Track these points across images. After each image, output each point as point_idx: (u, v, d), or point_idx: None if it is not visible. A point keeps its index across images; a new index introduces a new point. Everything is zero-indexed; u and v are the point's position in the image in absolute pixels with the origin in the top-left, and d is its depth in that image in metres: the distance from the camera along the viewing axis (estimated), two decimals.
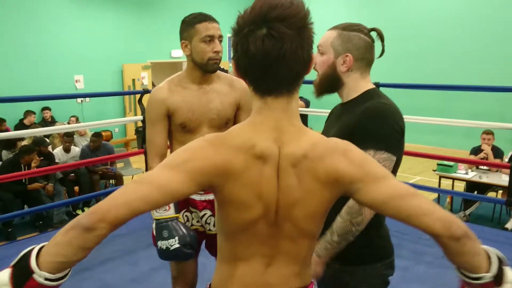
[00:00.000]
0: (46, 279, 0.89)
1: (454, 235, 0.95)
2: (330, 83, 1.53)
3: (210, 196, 2.01)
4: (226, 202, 1.02)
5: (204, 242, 2.15)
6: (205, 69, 1.97)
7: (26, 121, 7.69)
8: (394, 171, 1.45)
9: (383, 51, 1.51)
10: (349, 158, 1.01)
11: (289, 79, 0.98)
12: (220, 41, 1.95)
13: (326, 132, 1.59)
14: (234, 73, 1.06)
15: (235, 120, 2.08)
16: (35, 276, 0.89)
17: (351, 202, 1.38)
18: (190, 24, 1.93)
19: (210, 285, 1.16)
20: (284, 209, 1.02)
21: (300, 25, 0.94)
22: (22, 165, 5.12)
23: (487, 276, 0.96)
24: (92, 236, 0.90)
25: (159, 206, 0.98)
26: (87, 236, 0.89)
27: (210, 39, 1.91)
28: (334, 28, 1.51)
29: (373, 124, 1.40)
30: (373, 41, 1.51)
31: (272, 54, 0.93)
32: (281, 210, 1.02)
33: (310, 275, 1.16)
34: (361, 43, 1.48)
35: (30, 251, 0.93)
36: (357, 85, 1.51)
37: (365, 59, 1.50)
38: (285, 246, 1.06)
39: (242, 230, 1.04)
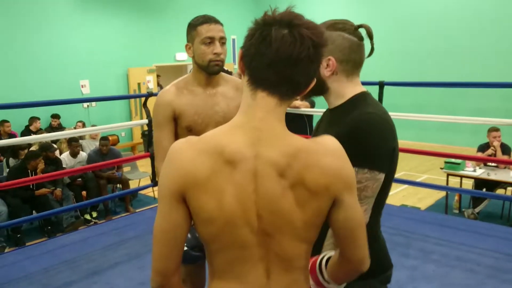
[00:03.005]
0: None
1: (360, 270, 1.10)
2: (317, 88, 1.38)
3: None
4: (195, 215, 0.99)
5: None
6: (206, 71, 1.97)
7: (32, 128, 7.74)
8: (385, 189, 1.35)
9: (372, 49, 1.39)
10: (341, 161, 1.01)
11: (287, 82, 0.97)
12: (223, 43, 1.95)
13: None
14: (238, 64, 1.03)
15: None
16: None
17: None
18: (193, 27, 1.95)
19: None
20: (271, 217, 0.97)
21: (320, 41, 0.95)
22: (29, 171, 5.15)
23: None
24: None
25: (186, 234, 1.03)
26: None
27: (211, 40, 1.91)
28: None
29: (356, 140, 1.27)
30: (361, 39, 1.38)
31: (286, 51, 0.93)
32: (267, 219, 0.97)
33: (308, 280, 1.12)
34: (345, 43, 1.35)
35: None
36: (343, 89, 1.40)
37: (351, 61, 1.37)
38: (279, 255, 1.01)
39: (223, 245, 1.00)
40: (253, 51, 0.96)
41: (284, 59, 0.93)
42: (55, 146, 6.18)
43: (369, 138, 1.28)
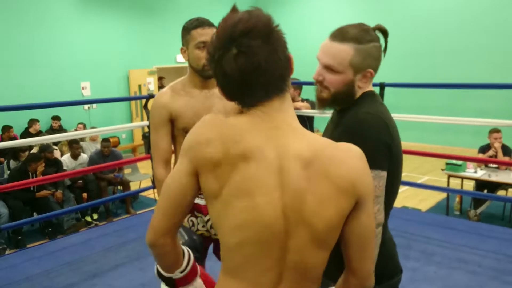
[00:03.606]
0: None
1: (365, 285, 1.09)
2: (345, 100, 1.41)
3: None
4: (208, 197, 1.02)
5: (211, 246, 2.15)
6: (201, 75, 1.98)
7: (31, 130, 7.74)
8: (391, 187, 1.37)
9: (385, 48, 1.41)
10: (365, 165, 1.00)
11: (274, 84, 0.99)
12: None
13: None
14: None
15: None
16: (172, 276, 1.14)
17: None
18: (187, 30, 1.96)
19: None
20: (295, 215, 0.96)
21: (265, 32, 0.95)
22: (30, 173, 5.15)
23: None
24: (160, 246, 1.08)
25: (190, 201, 1.05)
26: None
27: (204, 45, 1.92)
28: (344, 40, 1.34)
29: (354, 140, 1.21)
30: (378, 40, 1.39)
31: (248, 69, 0.94)
32: (291, 215, 0.96)
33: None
34: (378, 53, 1.37)
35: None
36: (360, 92, 1.42)
37: (379, 66, 1.40)
38: (296, 259, 0.99)
39: (242, 239, 0.99)
40: (224, 84, 1.00)
41: (253, 74, 0.94)
42: (54, 147, 6.18)
43: (364, 137, 1.28)
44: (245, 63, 0.93)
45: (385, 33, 1.41)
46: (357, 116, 1.33)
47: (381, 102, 1.43)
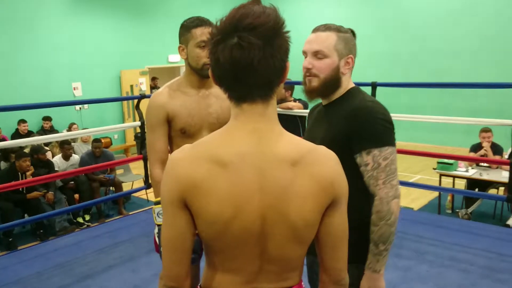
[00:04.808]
0: None
1: (339, 282, 1.13)
2: (333, 86, 1.56)
3: None
4: (198, 218, 1.00)
5: None
6: (200, 74, 1.97)
7: (20, 131, 7.68)
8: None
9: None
10: (341, 168, 1.06)
11: (261, 87, 0.98)
12: None
13: (312, 135, 1.63)
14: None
15: None
16: None
17: (376, 207, 1.46)
18: (187, 29, 1.94)
19: (200, 286, 1.15)
20: (275, 216, 0.99)
21: (270, 34, 0.93)
22: (19, 174, 5.11)
23: None
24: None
25: (193, 239, 1.05)
26: None
27: (205, 44, 1.91)
28: (327, 30, 1.54)
29: (369, 125, 1.47)
30: (351, 34, 1.59)
31: (240, 63, 0.93)
32: (271, 218, 0.99)
33: (299, 275, 1.14)
34: (354, 42, 1.56)
35: None
36: (345, 84, 1.57)
37: (355, 55, 1.58)
38: (276, 254, 1.03)
39: (224, 244, 1.02)
40: (215, 71, 0.99)
41: (243, 69, 0.94)
42: (46, 148, 6.14)
43: (378, 120, 1.47)
44: (239, 57, 0.92)
45: (353, 34, 1.60)
46: (364, 106, 1.50)
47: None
